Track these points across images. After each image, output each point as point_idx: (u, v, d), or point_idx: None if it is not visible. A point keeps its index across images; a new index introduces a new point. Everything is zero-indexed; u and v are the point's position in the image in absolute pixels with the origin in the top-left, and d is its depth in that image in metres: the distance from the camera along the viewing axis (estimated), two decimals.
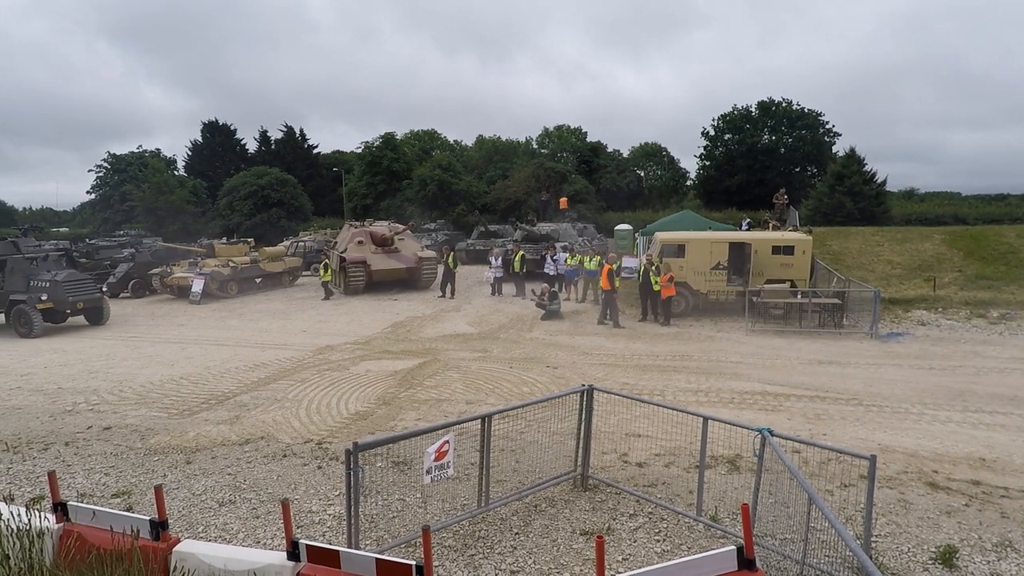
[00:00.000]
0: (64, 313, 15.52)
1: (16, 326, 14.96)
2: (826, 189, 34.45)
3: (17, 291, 15.14)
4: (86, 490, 6.12)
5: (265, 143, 54.88)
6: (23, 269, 15.35)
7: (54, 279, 15.14)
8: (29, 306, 14.80)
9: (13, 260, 15.42)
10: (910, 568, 4.56)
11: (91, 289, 16.06)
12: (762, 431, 4.61)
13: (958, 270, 17.96)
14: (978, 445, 6.98)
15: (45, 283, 15.07)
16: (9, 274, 15.30)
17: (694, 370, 10.56)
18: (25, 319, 14.84)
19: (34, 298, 14.87)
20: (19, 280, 15.23)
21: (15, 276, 15.28)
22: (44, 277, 15.20)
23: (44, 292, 14.98)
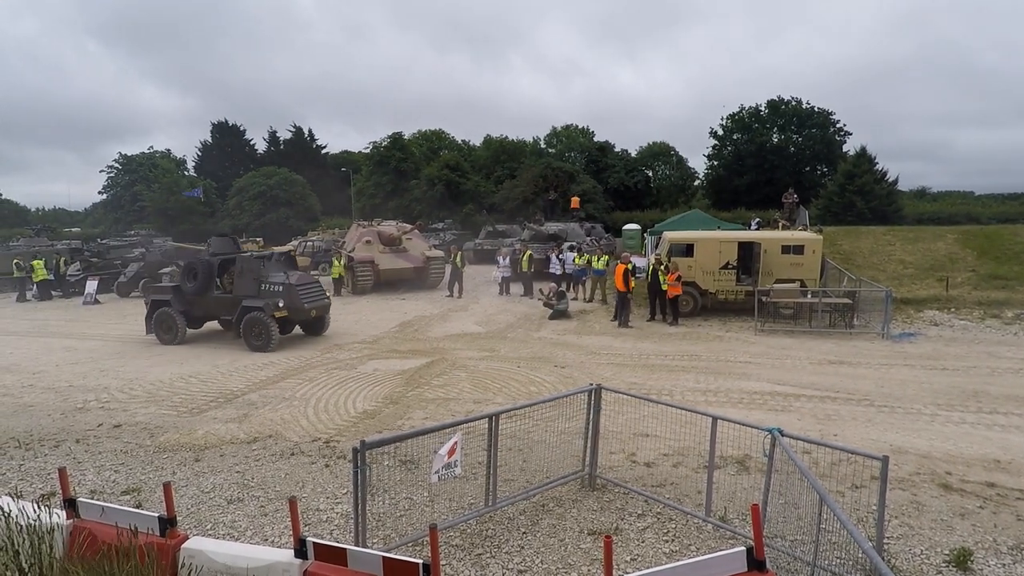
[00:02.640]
0: (293, 323, 13.15)
1: (249, 338, 12.35)
2: (836, 188, 34.20)
3: (248, 296, 12.58)
4: (96, 487, 6.16)
5: (274, 143, 55.24)
6: (253, 270, 12.75)
7: (288, 282, 12.59)
8: (267, 314, 12.23)
9: (243, 260, 13.09)
10: (923, 571, 4.49)
11: (322, 294, 13.56)
12: (772, 431, 4.56)
13: (971, 270, 17.73)
14: (993, 447, 6.88)
15: (278, 287, 12.51)
16: (238, 276, 12.88)
17: (703, 370, 10.48)
18: (262, 330, 12.26)
19: (271, 305, 12.30)
20: (249, 283, 12.66)
21: (245, 278, 12.75)
22: (276, 280, 12.65)
23: (280, 298, 12.42)
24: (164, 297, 13.49)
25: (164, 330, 13.28)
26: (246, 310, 12.43)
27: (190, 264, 13.39)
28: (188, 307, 13.36)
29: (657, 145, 55.62)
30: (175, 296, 13.35)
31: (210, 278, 13.07)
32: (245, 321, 12.37)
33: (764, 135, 46.92)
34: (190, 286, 13.12)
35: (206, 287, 13.06)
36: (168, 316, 13.22)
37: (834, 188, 34.65)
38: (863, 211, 31.63)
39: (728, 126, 49.34)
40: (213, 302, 13.19)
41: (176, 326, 13.13)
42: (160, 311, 13.30)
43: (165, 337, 13.23)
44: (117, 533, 3.47)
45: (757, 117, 47.99)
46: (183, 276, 13.42)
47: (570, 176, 40.55)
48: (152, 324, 13.38)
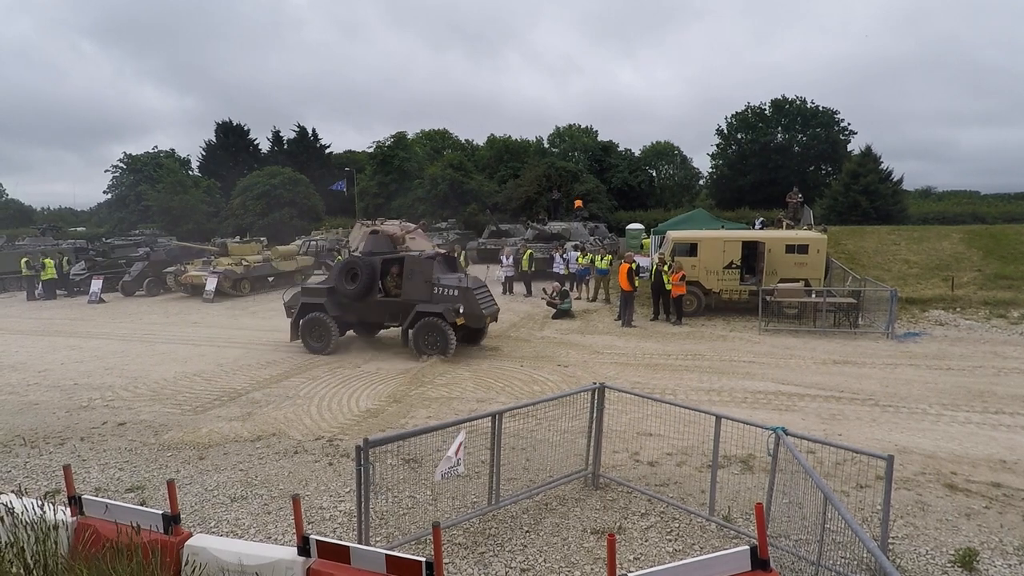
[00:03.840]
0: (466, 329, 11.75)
1: (421, 346, 11.25)
2: (841, 188, 34.08)
3: (420, 299, 11.34)
4: (101, 484, 6.18)
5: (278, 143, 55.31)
6: (424, 272, 11.47)
7: (464, 285, 11.34)
8: (447, 320, 11.02)
9: (412, 260, 11.68)
10: (928, 571, 4.47)
11: (492, 299, 12.34)
12: (776, 430, 4.55)
13: (977, 269, 17.64)
14: (998, 447, 6.84)
15: (453, 290, 11.23)
16: (407, 278, 11.55)
17: (706, 369, 10.46)
18: (438, 337, 11.08)
19: (451, 311, 11.01)
20: (420, 286, 11.40)
21: (415, 281, 11.46)
22: (449, 283, 11.41)
23: (458, 302, 11.11)
24: (318, 300, 11.89)
25: (315, 337, 11.83)
26: (421, 315, 11.21)
27: (349, 264, 11.87)
28: (343, 312, 11.91)
29: (661, 144, 55.54)
30: (330, 300, 11.85)
31: (373, 280, 11.63)
32: (419, 327, 11.23)
33: (768, 134, 46.77)
34: (349, 288, 11.65)
35: (368, 290, 11.65)
36: (321, 322, 11.75)
37: (838, 187, 34.52)
38: (868, 210, 31.51)
39: (732, 125, 49.20)
40: (375, 306, 11.78)
41: (330, 333, 11.73)
42: (311, 316, 11.82)
43: (315, 345, 11.81)
44: (121, 530, 3.48)
45: (761, 116, 47.84)
46: (339, 277, 11.82)
47: (573, 176, 40.50)
48: (300, 330, 11.97)
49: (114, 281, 22.89)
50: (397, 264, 11.95)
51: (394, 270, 11.92)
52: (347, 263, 12.02)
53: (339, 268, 12.12)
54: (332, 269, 12.34)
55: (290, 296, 12.90)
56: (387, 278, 11.95)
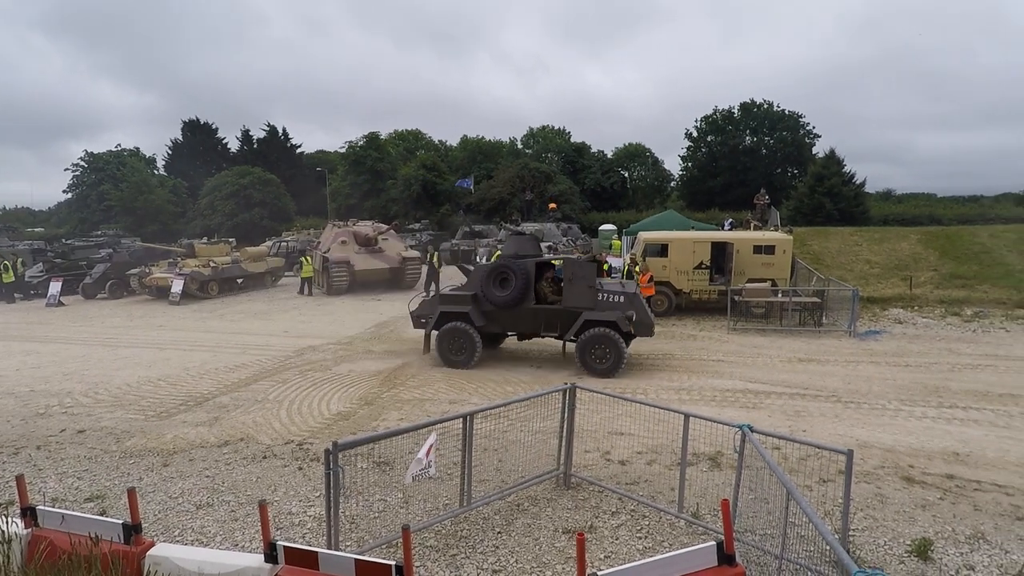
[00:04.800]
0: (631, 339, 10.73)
1: (588, 360, 10.19)
2: (806, 190, 34.99)
3: (584, 306, 10.28)
4: (58, 495, 5.97)
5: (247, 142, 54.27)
6: (587, 277, 10.35)
7: (629, 291, 10.46)
8: (620, 330, 10.08)
9: (573, 264, 10.52)
10: (887, 561, 4.62)
11: None
12: (743, 428, 4.65)
13: (933, 269, 18.32)
14: (952, 440, 7.11)
15: (619, 296, 10.29)
16: (568, 283, 10.40)
17: (676, 368, 10.62)
18: (610, 349, 10.10)
19: (624, 319, 10.05)
20: (583, 292, 10.30)
21: (577, 286, 10.35)
22: (612, 288, 10.54)
23: (628, 309, 10.19)
24: (460, 309, 10.76)
25: (455, 350, 10.74)
26: (589, 324, 10.17)
27: (499, 269, 10.65)
28: (488, 321, 10.81)
29: (633, 146, 56.23)
30: (474, 308, 10.79)
31: (529, 286, 10.52)
32: (588, 338, 10.14)
33: (737, 137, 47.80)
34: (499, 296, 10.52)
35: (523, 297, 10.49)
36: (463, 333, 10.67)
37: (804, 190, 35.45)
38: (831, 212, 32.43)
39: (702, 128, 50.11)
40: (529, 315, 10.64)
41: (473, 345, 10.69)
42: (452, 327, 10.73)
43: (456, 359, 10.72)
44: (79, 542, 3.37)
45: (730, 119, 48.84)
46: (488, 283, 10.61)
47: (547, 177, 40.74)
48: (437, 342, 10.93)
49: (74, 283, 22.14)
50: (550, 268, 11.09)
51: (548, 274, 11.01)
52: (496, 268, 10.69)
53: (485, 273, 10.72)
54: (473, 274, 11.07)
55: (419, 304, 11.60)
56: (540, 283, 10.88)
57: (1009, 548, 4.78)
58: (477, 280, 10.90)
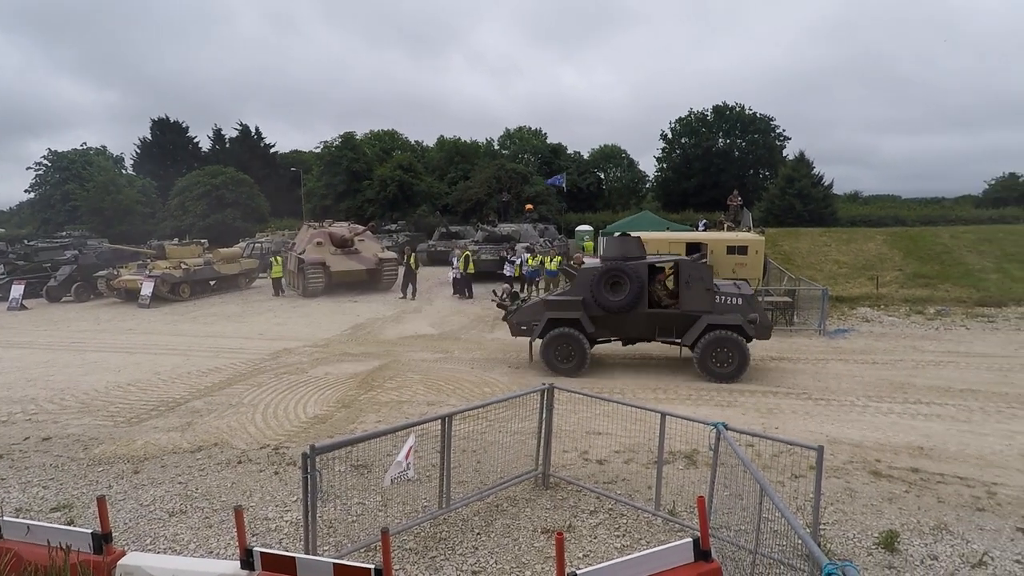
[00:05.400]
0: None
1: (710, 366, 9.85)
2: (777, 191, 35.73)
3: (703, 310, 10.00)
4: (22, 504, 5.79)
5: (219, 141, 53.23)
6: (705, 279, 10.07)
7: (746, 293, 10.22)
8: (745, 334, 9.84)
9: (689, 265, 10.18)
10: (856, 553, 4.76)
11: None
12: (717, 426, 4.74)
13: (898, 269, 18.88)
14: (917, 435, 7.35)
15: (736, 299, 10.02)
16: (686, 285, 10.08)
17: (652, 368, 10.76)
18: (733, 353, 9.75)
19: (751, 323, 9.86)
20: (701, 294, 10.00)
21: (695, 289, 10.03)
22: (728, 290, 10.20)
23: (748, 312, 9.98)
24: (571, 315, 10.37)
25: (562, 357, 10.41)
26: (711, 328, 9.85)
27: (611, 272, 10.21)
28: (598, 327, 10.46)
29: (608, 148, 56.69)
30: (584, 314, 10.40)
31: (643, 289, 10.15)
32: (709, 342, 9.81)
33: (710, 139, 48.54)
34: (613, 300, 10.14)
35: (637, 301, 10.14)
36: (572, 340, 10.30)
37: (775, 191, 36.19)
38: (802, 213, 33.17)
39: (676, 130, 50.78)
40: (642, 319, 10.27)
41: (583, 351, 10.33)
42: (560, 333, 10.35)
43: (564, 366, 10.39)
44: (46, 553, 3.28)
45: (704, 122, 49.58)
46: (599, 288, 10.21)
47: (523, 177, 40.80)
48: (543, 349, 10.52)
49: (38, 286, 21.46)
50: (659, 270, 10.68)
51: (659, 277, 10.65)
52: (608, 271, 10.24)
53: (597, 277, 10.27)
54: (580, 278, 10.59)
55: (520, 311, 11.07)
56: (653, 286, 10.51)
57: (970, 538, 4.97)
58: (585, 284, 10.43)
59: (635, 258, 10.50)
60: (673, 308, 10.21)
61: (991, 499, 5.65)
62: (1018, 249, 19.61)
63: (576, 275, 10.81)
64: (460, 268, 19.45)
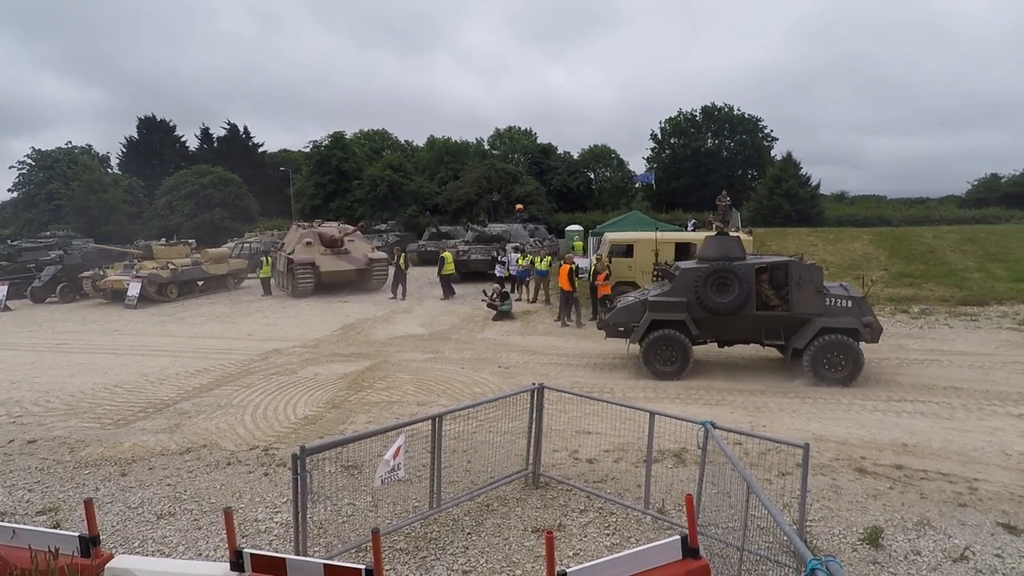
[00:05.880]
0: None
1: (822, 370, 9.49)
2: (765, 192, 36.05)
3: (814, 312, 9.66)
4: (7, 508, 5.73)
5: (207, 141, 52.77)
6: (816, 280, 9.77)
7: (852, 295, 9.91)
8: (861, 339, 9.53)
9: (799, 265, 9.92)
10: (841, 549, 4.83)
11: None
12: (705, 424, 4.79)
13: (884, 268, 19.12)
14: (901, 432, 7.47)
15: (846, 301, 9.70)
16: (796, 287, 9.76)
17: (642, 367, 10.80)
18: (848, 360, 9.42)
19: (868, 327, 9.55)
20: (812, 297, 9.69)
21: (805, 291, 9.73)
22: (836, 292, 9.93)
23: (862, 315, 9.61)
24: (675, 317, 10.04)
25: (664, 360, 10.05)
26: (825, 332, 9.52)
27: (718, 273, 9.90)
28: (701, 329, 10.20)
29: (598, 148, 56.85)
30: (690, 316, 10.11)
31: (752, 291, 9.88)
32: (822, 346, 9.48)
33: (699, 140, 48.87)
34: (720, 302, 9.85)
35: (746, 302, 9.87)
36: (675, 342, 9.99)
37: (763, 191, 36.52)
38: (789, 213, 33.50)
39: (666, 130, 51.08)
40: (749, 322, 9.99)
41: (687, 354, 10.00)
42: (662, 335, 10.02)
43: (666, 370, 10.02)
44: (32, 556, 3.26)
45: (693, 122, 49.93)
46: (705, 288, 9.93)
47: (513, 177, 40.84)
48: (644, 352, 10.17)
49: (22, 287, 21.18)
50: (766, 271, 10.22)
51: (763, 277, 10.18)
52: (715, 272, 9.94)
53: (702, 278, 9.96)
54: (681, 279, 10.22)
55: (615, 312, 10.66)
56: (760, 287, 10.11)
57: (952, 533, 5.06)
58: (688, 285, 10.10)
59: (736, 258, 10.18)
60: (781, 310, 9.89)
61: (972, 495, 5.76)
62: (1000, 249, 19.93)
63: (676, 275, 10.38)
64: (438, 268, 19.53)
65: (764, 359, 11.33)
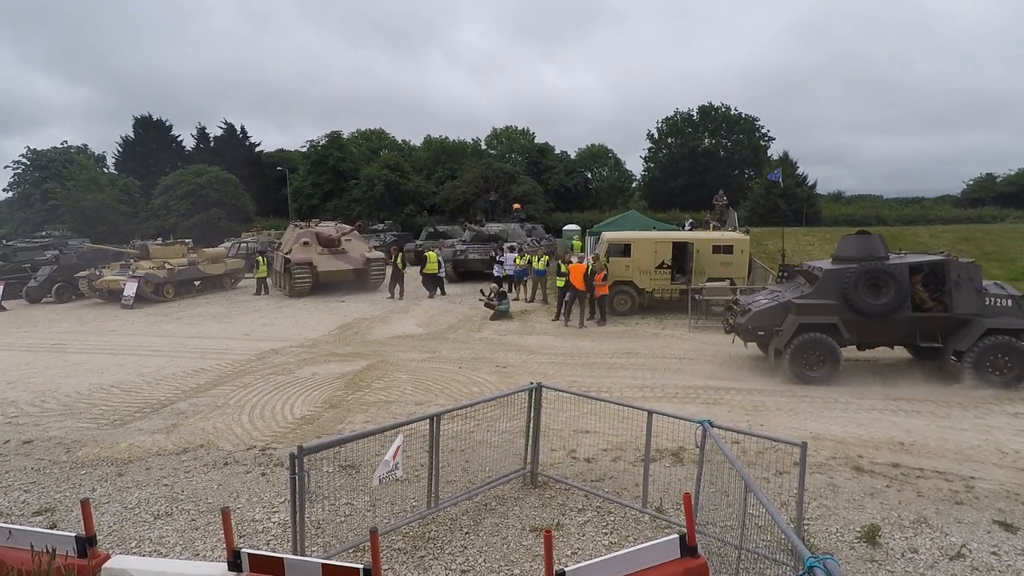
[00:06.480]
0: None
1: (985, 373, 9.21)
2: (762, 191, 36.13)
3: (975, 313, 9.40)
4: (3, 509, 5.71)
5: (203, 140, 52.61)
6: (975, 278, 9.55)
7: (1011, 294, 9.61)
8: None
9: (957, 264, 9.62)
10: (838, 547, 4.85)
11: None
12: (703, 423, 4.80)
13: None
14: (897, 430, 7.49)
15: (1006, 300, 9.49)
16: (957, 287, 9.47)
17: (640, 367, 10.83)
18: (1016, 362, 9.19)
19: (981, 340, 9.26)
20: (972, 297, 9.44)
21: (964, 290, 9.46)
22: (995, 292, 9.65)
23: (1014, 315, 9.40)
24: (826, 320, 9.70)
25: (811, 364, 9.68)
26: (992, 333, 9.21)
27: (871, 274, 9.53)
28: (851, 332, 9.79)
29: (595, 147, 56.88)
30: (843, 319, 9.71)
31: (907, 292, 9.50)
32: (986, 347, 9.17)
33: (696, 139, 48.90)
34: (874, 304, 9.46)
35: (901, 304, 9.49)
36: (824, 346, 9.64)
37: (760, 191, 36.59)
38: (786, 213, 33.57)
39: (663, 130, 51.09)
40: (903, 324, 9.61)
41: (836, 359, 9.65)
42: (810, 339, 9.65)
43: (811, 374, 9.66)
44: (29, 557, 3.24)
45: (689, 122, 49.93)
46: (856, 290, 9.54)
47: (511, 177, 40.83)
48: (791, 356, 9.73)
49: (17, 287, 21.08)
50: (920, 271, 9.88)
51: (916, 278, 9.84)
52: (867, 273, 9.54)
53: (853, 279, 9.55)
54: (826, 280, 9.83)
55: (752, 316, 10.24)
56: (914, 288, 9.76)
57: (949, 531, 5.08)
58: (834, 287, 9.72)
59: (881, 257, 9.85)
60: (937, 311, 9.53)
61: (969, 493, 5.78)
62: (995, 248, 20.01)
63: (819, 276, 9.96)
64: (420, 267, 19.53)
65: (764, 358, 11.35)
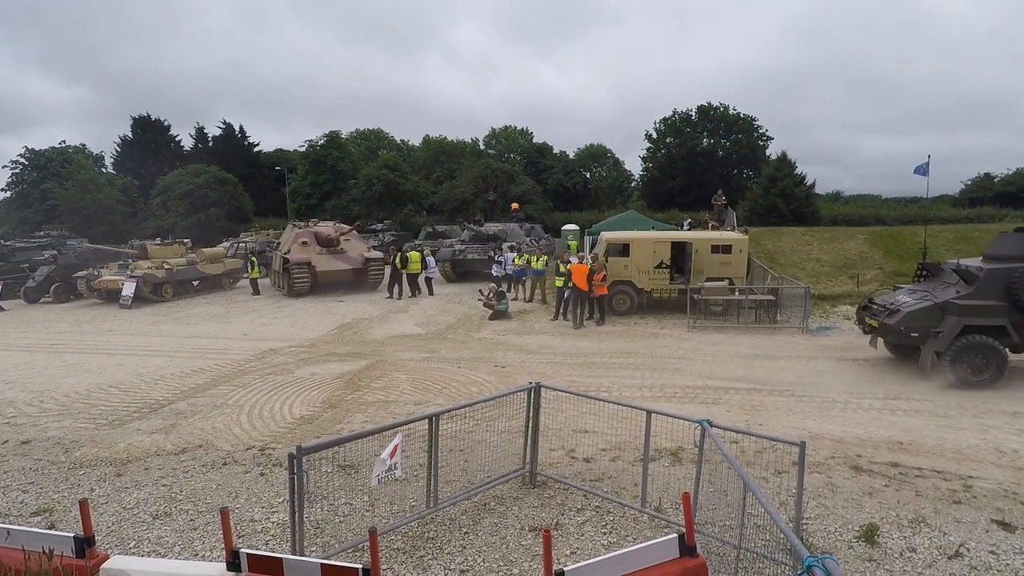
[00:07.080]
0: None
1: None
2: (761, 191, 36.16)
3: None
4: (1, 509, 5.70)
5: (202, 140, 52.56)
6: None
7: None
8: None
9: None
10: (837, 546, 4.85)
11: None
12: (702, 423, 4.80)
13: (878, 267, 19.19)
14: (896, 430, 7.50)
15: None
16: None
17: (639, 366, 10.84)
18: None
19: None
20: None
21: None
22: None
23: None
24: (994, 322, 9.31)
25: (973, 368, 9.27)
26: None
27: None
28: (1020, 335, 9.38)
29: (594, 147, 56.91)
30: (1011, 320, 9.31)
31: None
32: None
33: (695, 139, 48.92)
34: None
35: None
36: (990, 348, 9.28)
37: (758, 191, 36.63)
38: (784, 213, 33.62)
39: (661, 130, 51.11)
40: None
41: (1002, 361, 9.28)
42: (975, 341, 9.27)
43: (975, 378, 9.29)
44: (27, 557, 3.23)
45: (688, 122, 49.96)
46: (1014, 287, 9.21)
47: (510, 177, 40.84)
48: (951, 359, 9.32)
49: (15, 287, 21.05)
50: None
51: None
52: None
53: (1021, 278, 9.17)
54: (987, 280, 9.37)
55: (904, 317, 9.70)
56: None
57: (947, 531, 5.08)
58: (997, 287, 9.31)
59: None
60: None
61: (967, 492, 5.79)
62: None
63: (979, 276, 9.49)
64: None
65: (758, 357, 11.36)
